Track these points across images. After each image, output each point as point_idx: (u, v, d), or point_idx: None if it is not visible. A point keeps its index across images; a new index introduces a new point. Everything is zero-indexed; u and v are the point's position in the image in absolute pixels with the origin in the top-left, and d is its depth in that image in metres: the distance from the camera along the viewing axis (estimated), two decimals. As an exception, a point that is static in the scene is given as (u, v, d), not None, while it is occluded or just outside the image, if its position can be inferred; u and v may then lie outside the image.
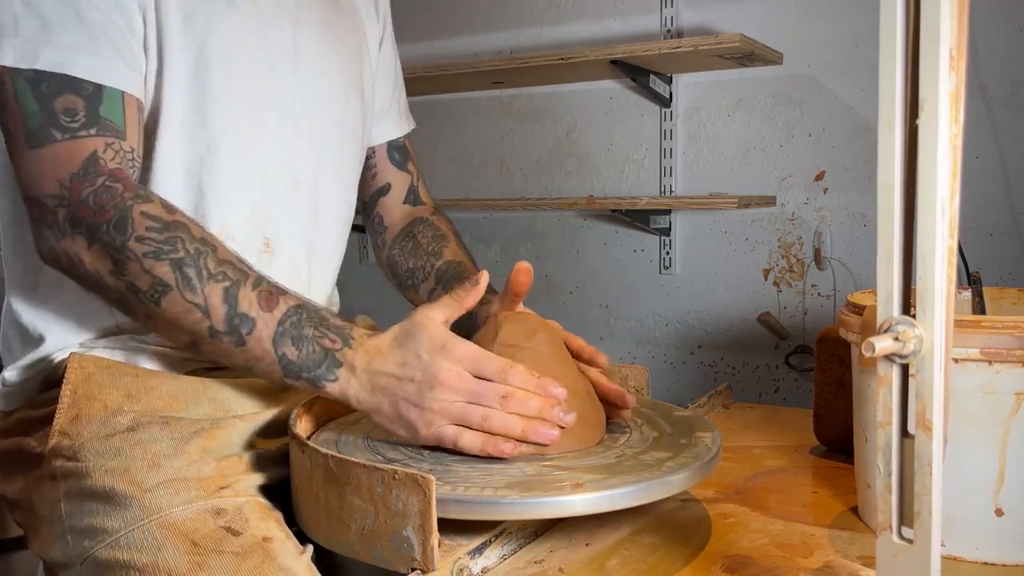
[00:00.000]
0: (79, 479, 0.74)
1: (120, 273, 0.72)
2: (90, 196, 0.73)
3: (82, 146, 0.73)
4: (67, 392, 0.76)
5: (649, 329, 1.85)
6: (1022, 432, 0.63)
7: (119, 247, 0.72)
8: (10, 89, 0.72)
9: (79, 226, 0.73)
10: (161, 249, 0.73)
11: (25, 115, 0.72)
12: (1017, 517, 0.64)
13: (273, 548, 0.70)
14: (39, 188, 0.73)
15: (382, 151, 1.10)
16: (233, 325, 0.73)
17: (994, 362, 0.62)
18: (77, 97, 0.73)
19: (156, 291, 0.72)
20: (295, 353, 0.74)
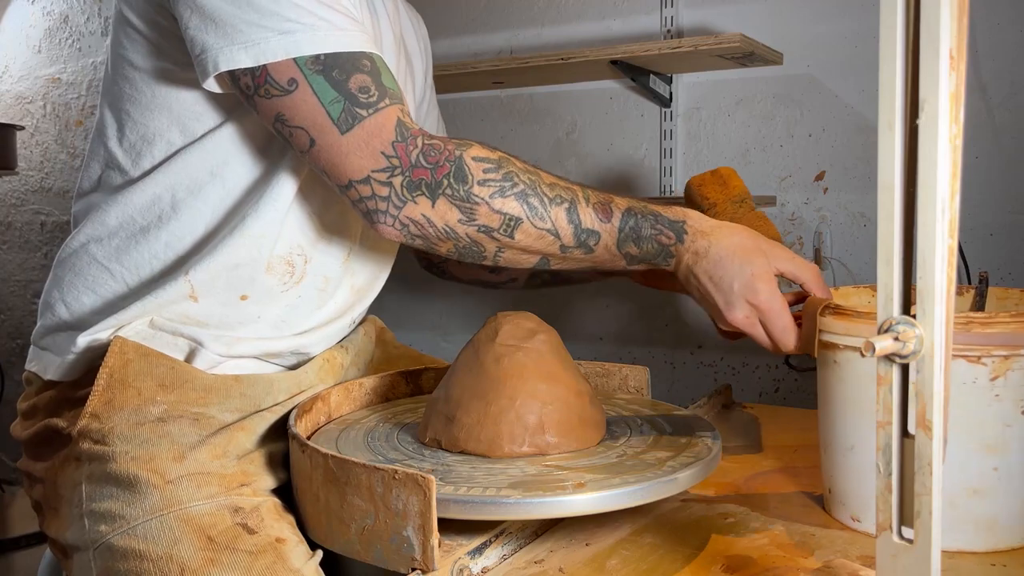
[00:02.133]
0: (103, 463, 0.74)
1: (470, 219, 0.76)
2: (420, 157, 0.75)
3: (387, 116, 0.74)
4: (104, 376, 0.77)
5: (649, 329, 1.85)
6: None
7: (464, 196, 0.75)
8: (305, 86, 0.73)
9: (419, 188, 0.74)
10: (503, 187, 0.76)
11: (326, 105, 0.73)
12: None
13: (285, 550, 0.71)
14: (362, 169, 0.74)
15: None
16: (581, 240, 0.79)
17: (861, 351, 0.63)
18: (363, 74, 0.74)
19: (508, 226, 0.77)
20: (637, 250, 0.81)
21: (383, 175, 0.74)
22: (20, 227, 2.75)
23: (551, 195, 0.78)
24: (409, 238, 0.77)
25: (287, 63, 0.72)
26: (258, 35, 0.72)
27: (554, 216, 0.78)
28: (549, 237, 0.78)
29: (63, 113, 2.64)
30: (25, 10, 2.68)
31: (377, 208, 0.75)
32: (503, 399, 0.75)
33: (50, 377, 0.83)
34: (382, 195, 0.74)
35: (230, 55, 0.72)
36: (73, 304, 0.83)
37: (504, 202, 0.76)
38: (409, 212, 0.75)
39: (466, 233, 0.76)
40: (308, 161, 0.76)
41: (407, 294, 1.98)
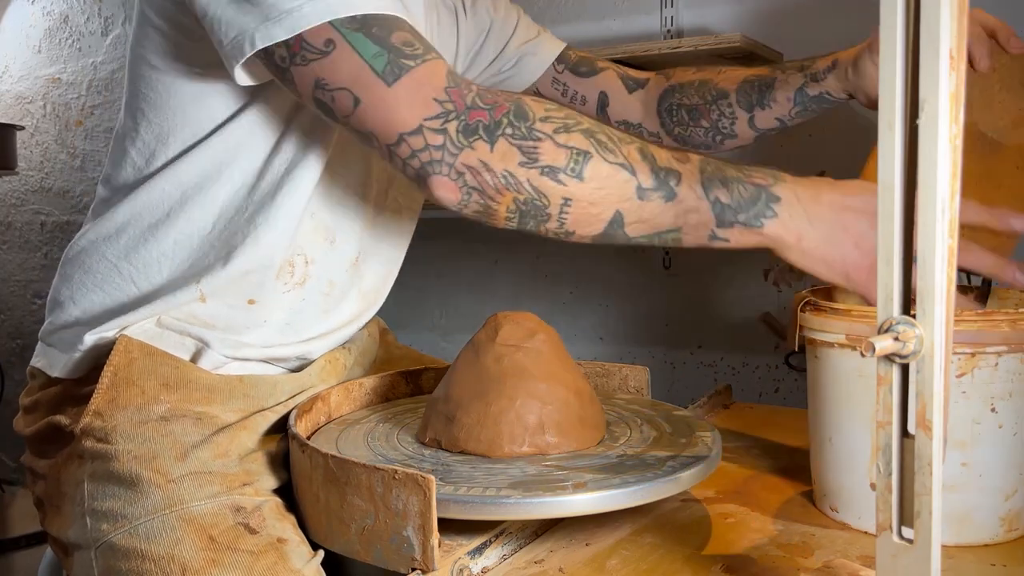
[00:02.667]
0: (106, 461, 0.74)
1: (532, 159, 0.69)
2: (476, 99, 0.70)
3: (437, 64, 0.70)
4: (108, 374, 0.76)
5: (649, 329, 1.85)
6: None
7: (526, 133, 0.69)
8: (343, 45, 0.68)
9: (476, 131, 0.69)
10: (567, 124, 0.70)
11: (368, 60, 0.68)
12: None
13: (287, 550, 0.71)
14: (414, 118, 0.69)
15: (568, 77, 1.09)
16: (660, 178, 0.70)
17: (857, 347, 0.65)
18: (404, 32, 0.71)
19: (576, 162, 0.69)
20: (727, 195, 0.70)
21: (436, 122, 0.69)
22: (20, 227, 2.75)
23: (619, 135, 0.72)
24: (465, 191, 0.70)
25: (323, 26, 0.68)
26: (291, 4, 0.68)
27: (626, 152, 0.70)
28: (623, 173, 0.69)
29: (63, 113, 2.64)
30: (25, 10, 2.68)
31: (432, 159, 0.69)
32: (503, 399, 0.75)
33: (56, 374, 0.83)
34: (436, 144, 0.69)
35: (266, 31, 0.69)
36: (82, 301, 0.83)
37: (569, 136, 0.69)
38: (465, 158, 0.68)
39: (528, 179, 0.69)
40: (352, 128, 0.72)
41: (407, 294, 1.97)
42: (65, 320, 0.83)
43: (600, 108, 1.09)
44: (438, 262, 2.03)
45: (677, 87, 1.07)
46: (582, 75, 1.09)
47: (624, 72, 1.10)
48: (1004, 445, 0.67)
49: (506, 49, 1.08)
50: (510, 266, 2.01)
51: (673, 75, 1.08)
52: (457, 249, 2.03)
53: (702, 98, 1.04)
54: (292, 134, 0.80)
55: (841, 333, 0.71)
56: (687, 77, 1.07)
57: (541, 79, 1.09)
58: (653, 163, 0.70)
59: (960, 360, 0.66)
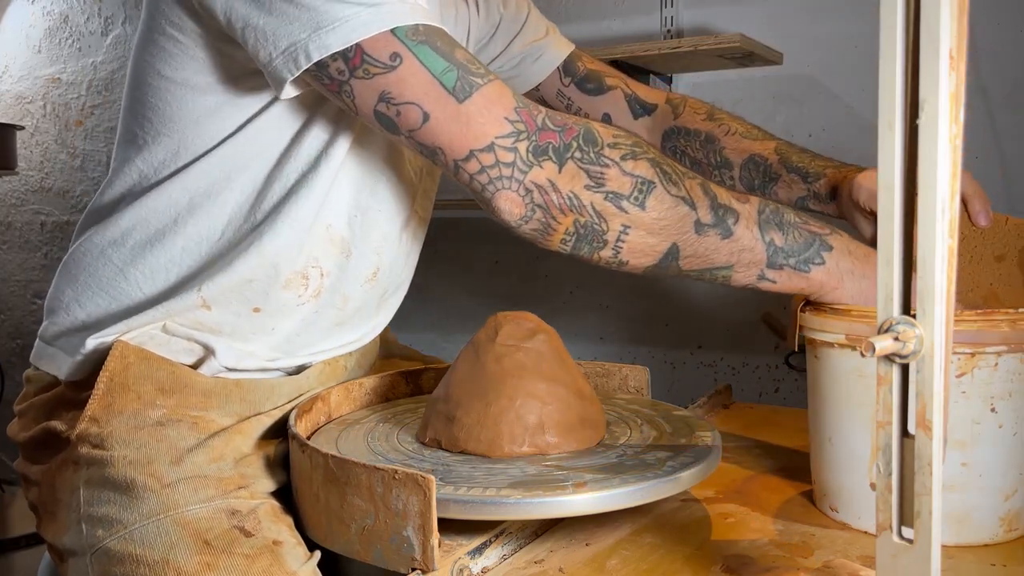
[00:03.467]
0: (101, 467, 0.74)
1: (599, 184, 0.70)
2: (546, 120, 0.71)
3: (502, 85, 0.71)
4: (104, 379, 0.76)
5: (649, 329, 1.85)
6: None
7: (594, 158, 0.70)
8: (411, 58, 0.68)
9: (546, 152, 0.70)
10: (635, 151, 0.72)
11: (439, 75, 0.68)
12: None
13: (282, 552, 0.70)
14: (486, 135, 0.69)
15: (574, 92, 1.07)
16: (719, 216, 0.72)
17: (857, 347, 0.65)
18: (463, 50, 0.71)
19: (640, 190, 0.70)
20: (782, 239, 0.73)
21: (508, 140, 0.69)
22: (20, 227, 2.75)
23: (681, 169, 0.73)
24: (530, 208, 0.71)
25: (385, 36, 0.67)
26: (344, 12, 0.66)
27: (688, 186, 0.72)
28: (684, 207, 0.71)
29: (63, 113, 2.64)
30: (25, 10, 2.68)
31: (501, 175, 0.70)
32: (503, 399, 0.75)
33: (63, 376, 0.82)
34: (506, 161, 0.70)
35: (320, 41, 0.66)
36: (87, 304, 0.82)
37: (636, 164, 0.71)
38: (534, 176, 0.70)
39: (591, 202, 0.70)
40: (418, 140, 0.71)
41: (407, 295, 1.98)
42: (70, 323, 0.82)
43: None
44: (438, 262, 2.03)
45: (683, 132, 1.06)
46: (588, 92, 1.08)
47: (633, 92, 1.08)
48: (1004, 445, 0.68)
49: (510, 47, 1.06)
50: (510, 266, 2.01)
51: (682, 112, 1.06)
52: (457, 249, 2.03)
53: (706, 158, 1.04)
54: (304, 143, 0.79)
55: (841, 333, 0.71)
56: (695, 123, 1.05)
57: (546, 87, 1.08)
58: (714, 200, 0.72)
59: (960, 360, 0.66)
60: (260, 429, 0.80)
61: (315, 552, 0.72)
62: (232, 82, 0.77)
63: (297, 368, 0.87)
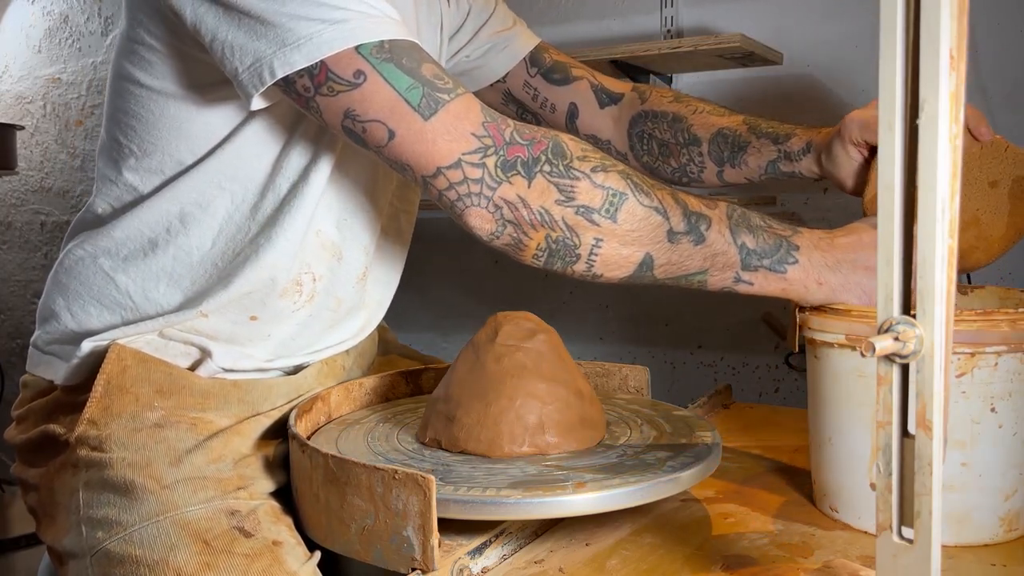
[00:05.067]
0: (100, 469, 0.74)
1: (569, 198, 0.70)
2: (514, 134, 0.70)
3: (470, 99, 0.70)
4: (101, 382, 0.76)
5: (649, 329, 1.85)
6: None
7: (563, 171, 0.70)
8: (375, 76, 0.67)
9: (514, 167, 0.69)
10: (604, 164, 0.71)
11: (403, 93, 0.68)
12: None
13: (282, 552, 0.70)
14: (452, 152, 0.69)
15: (540, 83, 1.06)
16: (691, 223, 0.72)
17: (857, 347, 0.65)
18: (430, 63, 0.70)
19: (612, 203, 0.70)
20: (753, 241, 0.73)
21: (475, 156, 0.69)
22: (20, 227, 2.75)
23: (651, 181, 0.73)
24: (500, 224, 0.70)
25: (348, 54, 0.67)
26: (309, 29, 0.66)
27: (660, 195, 0.72)
28: (657, 217, 0.71)
29: (63, 113, 2.64)
30: (25, 10, 2.68)
31: (469, 192, 0.69)
32: (503, 399, 0.75)
33: (60, 381, 0.82)
34: (474, 178, 0.69)
35: (284, 58, 0.67)
36: (79, 313, 0.82)
37: (607, 176, 0.70)
38: (503, 192, 0.69)
39: (563, 217, 0.69)
40: (386, 157, 0.71)
41: (407, 294, 1.98)
42: (62, 332, 0.82)
43: (570, 119, 1.07)
44: (438, 262, 2.03)
45: (651, 114, 1.05)
46: (555, 82, 1.07)
47: (599, 83, 1.08)
48: (1004, 445, 0.68)
49: (478, 35, 1.05)
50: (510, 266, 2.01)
51: (649, 97, 1.06)
52: (457, 249, 2.03)
53: (674, 138, 1.03)
54: (294, 151, 0.79)
55: (841, 333, 0.71)
56: (662, 106, 1.04)
57: (512, 78, 1.06)
58: (685, 208, 0.72)
59: (960, 360, 0.66)
60: (259, 430, 0.80)
61: (315, 552, 0.72)
62: (209, 90, 0.76)
63: (295, 368, 0.87)
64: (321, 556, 0.72)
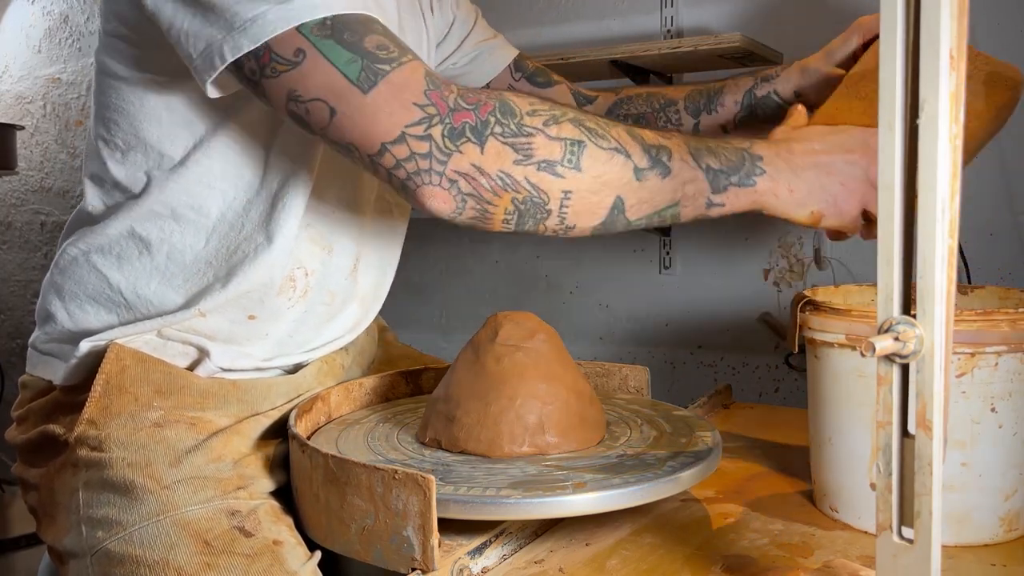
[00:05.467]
0: (100, 469, 0.74)
1: (527, 156, 0.66)
2: (458, 100, 0.67)
3: (414, 67, 0.67)
4: (100, 382, 0.76)
5: (649, 329, 1.85)
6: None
7: (516, 129, 0.66)
8: (314, 54, 0.65)
9: (463, 133, 0.66)
10: (555, 115, 0.68)
11: (342, 68, 0.65)
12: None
13: (282, 552, 0.70)
14: (395, 126, 0.65)
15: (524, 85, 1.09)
16: (654, 156, 0.70)
17: (857, 347, 0.65)
18: (377, 35, 0.67)
19: (573, 152, 0.67)
20: (716, 161, 0.72)
21: (419, 128, 0.65)
22: (20, 227, 2.75)
23: (604, 120, 0.71)
24: (459, 199, 0.67)
25: (290, 34, 0.65)
26: (254, 11, 0.65)
27: (616, 134, 0.69)
28: (619, 157, 0.68)
29: (63, 113, 2.64)
30: (25, 10, 2.68)
31: (419, 169, 0.65)
32: (503, 399, 0.75)
33: (59, 382, 0.82)
34: (421, 152, 0.65)
35: (233, 42, 0.65)
36: (76, 312, 0.81)
37: (560, 128, 0.67)
38: (456, 164, 0.65)
39: (525, 177, 0.66)
40: (331, 138, 0.68)
41: (407, 294, 1.97)
42: (59, 332, 0.82)
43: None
44: (438, 262, 2.03)
45: (625, 99, 1.09)
46: (539, 85, 1.10)
47: (575, 88, 1.12)
48: (1004, 445, 0.68)
49: (464, 44, 1.08)
50: (510, 266, 2.01)
51: (622, 91, 1.11)
52: (457, 249, 2.03)
53: (649, 106, 1.06)
54: (280, 145, 0.79)
55: (841, 333, 0.71)
56: (636, 90, 1.10)
57: (497, 83, 1.09)
58: (643, 142, 0.70)
59: (960, 360, 0.66)
60: (258, 430, 0.80)
61: (315, 552, 0.72)
62: (181, 80, 0.75)
63: (294, 367, 0.87)
64: (321, 556, 0.72)
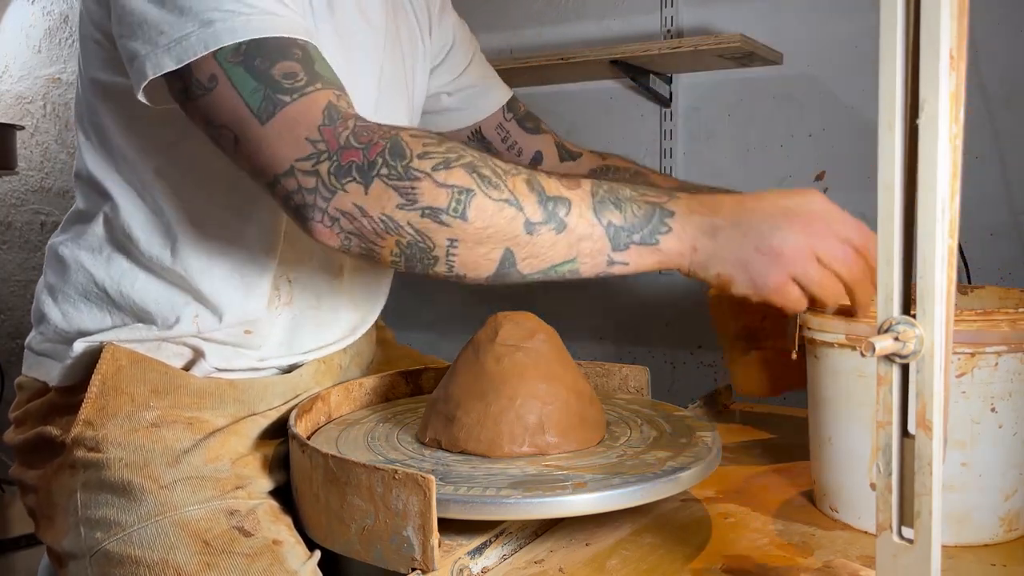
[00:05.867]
0: (98, 470, 0.74)
1: (412, 201, 0.64)
2: (350, 138, 0.65)
3: (315, 99, 0.66)
4: (96, 383, 0.76)
5: (649, 329, 1.85)
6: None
7: (403, 172, 0.64)
8: (224, 81, 0.65)
9: (349, 173, 0.65)
10: (448, 159, 0.66)
11: (246, 97, 0.65)
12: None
13: (282, 551, 0.70)
14: (286, 159, 0.65)
15: (513, 127, 1.09)
16: (549, 210, 0.66)
17: (857, 347, 0.65)
18: (291, 61, 0.66)
19: (459, 200, 0.64)
20: (620, 217, 0.67)
21: (308, 163, 0.65)
22: (20, 227, 2.75)
23: (505, 167, 0.67)
24: (343, 237, 0.66)
25: (207, 59, 0.65)
26: (181, 31, 0.65)
27: (511, 185, 0.66)
28: (509, 210, 0.65)
29: (63, 113, 2.64)
30: (25, 10, 2.68)
31: (304, 203, 0.65)
32: (503, 399, 0.75)
33: (54, 383, 0.82)
34: (308, 187, 0.65)
35: (156, 60, 0.66)
36: (70, 312, 0.82)
37: (449, 174, 0.65)
38: (339, 203, 0.64)
39: (408, 222, 0.64)
40: (238, 165, 0.69)
41: (407, 294, 1.97)
42: (54, 332, 0.82)
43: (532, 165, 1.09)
44: (438, 262, 2.03)
45: (612, 168, 1.08)
46: (527, 130, 1.10)
47: (561, 142, 1.12)
48: (1004, 445, 0.68)
49: (460, 78, 1.07)
50: (510, 266, 2.01)
51: (609, 158, 1.10)
52: (457, 249, 2.03)
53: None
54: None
55: (841, 333, 0.71)
56: (623, 164, 1.08)
57: (486, 120, 1.09)
58: (541, 194, 0.67)
59: (960, 360, 0.66)
60: (256, 430, 0.80)
61: (315, 552, 0.72)
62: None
63: (289, 367, 0.87)
64: (321, 556, 0.72)
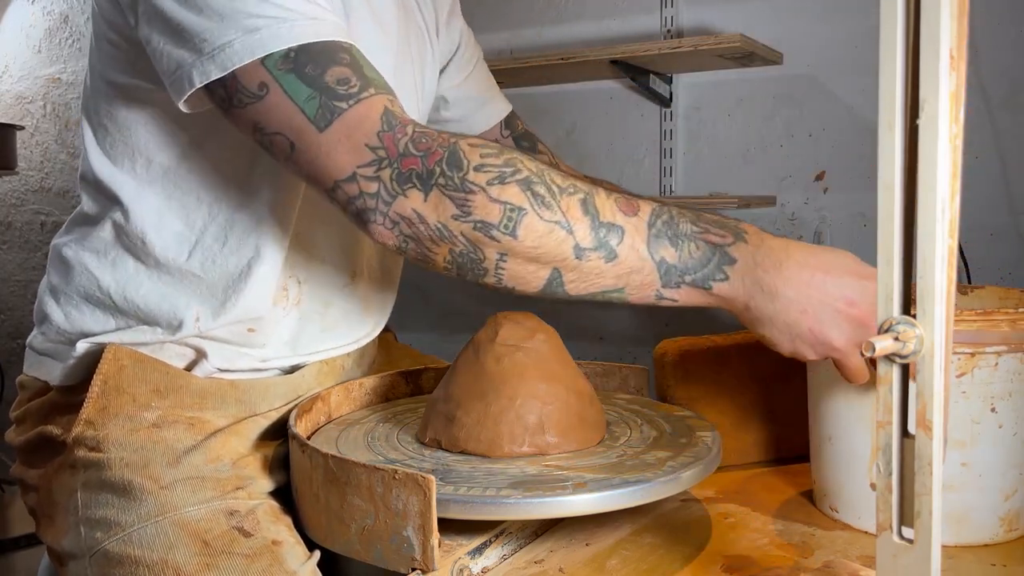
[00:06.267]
0: (98, 470, 0.74)
1: (466, 213, 0.65)
2: (409, 144, 0.67)
3: (372, 105, 0.67)
4: (98, 382, 0.76)
5: (649, 329, 1.85)
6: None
7: (459, 183, 0.65)
8: (276, 89, 0.66)
9: (409, 179, 0.66)
10: (504, 173, 0.66)
11: (301, 105, 0.66)
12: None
13: (282, 552, 0.70)
14: (348, 165, 0.66)
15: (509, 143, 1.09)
16: (601, 237, 0.66)
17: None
18: (341, 66, 0.67)
19: (510, 218, 0.65)
20: (674, 255, 0.67)
21: (370, 169, 0.66)
22: (20, 227, 2.75)
23: (562, 184, 0.67)
24: (401, 240, 0.68)
25: (254, 66, 0.66)
26: (223, 38, 0.65)
27: (565, 206, 0.66)
28: (560, 232, 0.66)
29: (63, 113, 2.64)
30: (25, 10, 2.68)
31: (367, 207, 0.67)
32: (503, 399, 0.75)
33: (55, 383, 0.82)
34: (370, 192, 0.67)
35: (202, 68, 0.66)
36: (73, 313, 0.81)
37: (503, 189, 0.65)
38: (399, 207, 0.66)
39: (461, 232, 0.66)
40: (292, 170, 0.70)
41: (407, 294, 1.98)
42: (56, 332, 0.82)
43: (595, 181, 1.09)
44: (438, 262, 2.03)
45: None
46: (523, 149, 1.10)
47: (555, 163, 1.11)
48: (1004, 445, 0.68)
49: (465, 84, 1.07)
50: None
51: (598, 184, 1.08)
52: (457, 249, 2.03)
53: None
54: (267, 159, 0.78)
55: None
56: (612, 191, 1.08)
57: (485, 135, 1.08)
58: (595, 218, 0.67)
59: (960, 360, 0.66)
60: (257, 430, 0.80)
61: (315, 552, 0.72)
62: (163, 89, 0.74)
63: (291, 368, 0.87)
64: (321, 556, 0.72)
